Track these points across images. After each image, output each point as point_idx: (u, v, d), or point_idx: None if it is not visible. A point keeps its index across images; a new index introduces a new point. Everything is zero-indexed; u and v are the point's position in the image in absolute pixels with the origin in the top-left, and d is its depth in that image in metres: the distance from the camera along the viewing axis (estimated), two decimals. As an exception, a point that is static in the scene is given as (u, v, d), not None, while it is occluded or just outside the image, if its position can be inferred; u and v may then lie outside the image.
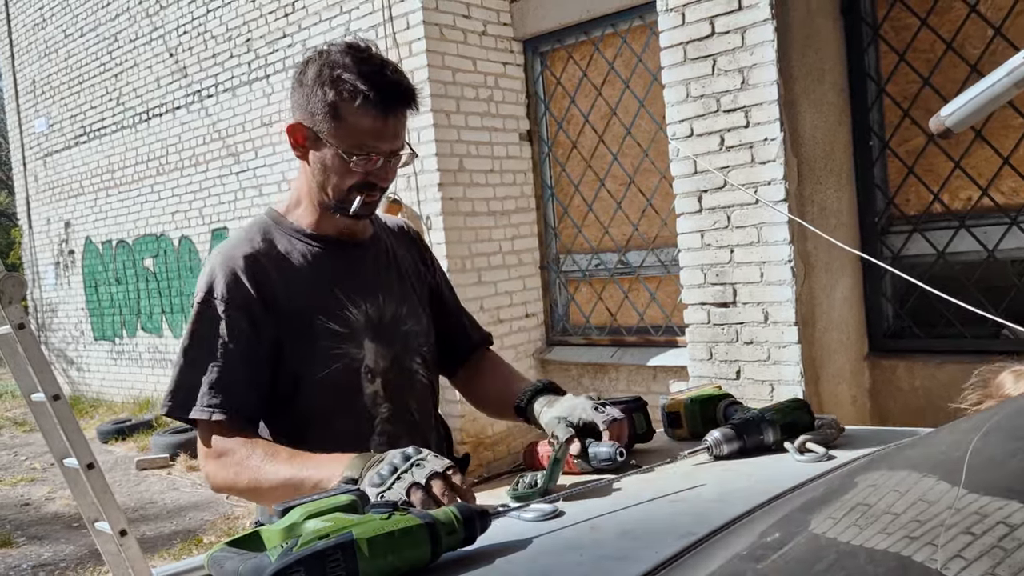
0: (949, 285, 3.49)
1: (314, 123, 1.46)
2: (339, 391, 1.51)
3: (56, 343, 10.41)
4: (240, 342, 1.45)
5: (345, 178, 1.47)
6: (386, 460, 1.24)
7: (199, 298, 1.48)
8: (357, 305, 1.55)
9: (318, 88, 1.43)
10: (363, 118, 1.42)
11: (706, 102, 3.72)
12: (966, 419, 1.02)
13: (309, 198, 1.56)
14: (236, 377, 1.45)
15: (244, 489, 1.42)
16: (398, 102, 1.45)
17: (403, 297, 1.64)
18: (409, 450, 1.26)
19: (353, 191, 1.49)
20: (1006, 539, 0.65)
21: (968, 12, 3.64)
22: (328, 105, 1.43)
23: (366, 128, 1.43)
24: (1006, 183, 3.64)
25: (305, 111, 1.47)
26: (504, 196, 5.56)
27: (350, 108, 1.42)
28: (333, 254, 1.56)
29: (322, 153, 1.47)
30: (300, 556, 0.89)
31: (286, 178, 6.69)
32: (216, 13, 7.18)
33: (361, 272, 1.59)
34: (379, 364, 1.56)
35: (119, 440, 7.57)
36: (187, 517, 5.24)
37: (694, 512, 1.13)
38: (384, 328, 1.58)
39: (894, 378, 3.84)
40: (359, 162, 1.45)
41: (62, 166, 9.73)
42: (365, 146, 1.45)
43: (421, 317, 1.67)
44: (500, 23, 5.60)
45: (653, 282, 5.20)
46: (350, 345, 1.53)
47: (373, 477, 1.22)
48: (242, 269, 1.47)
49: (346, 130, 1.44)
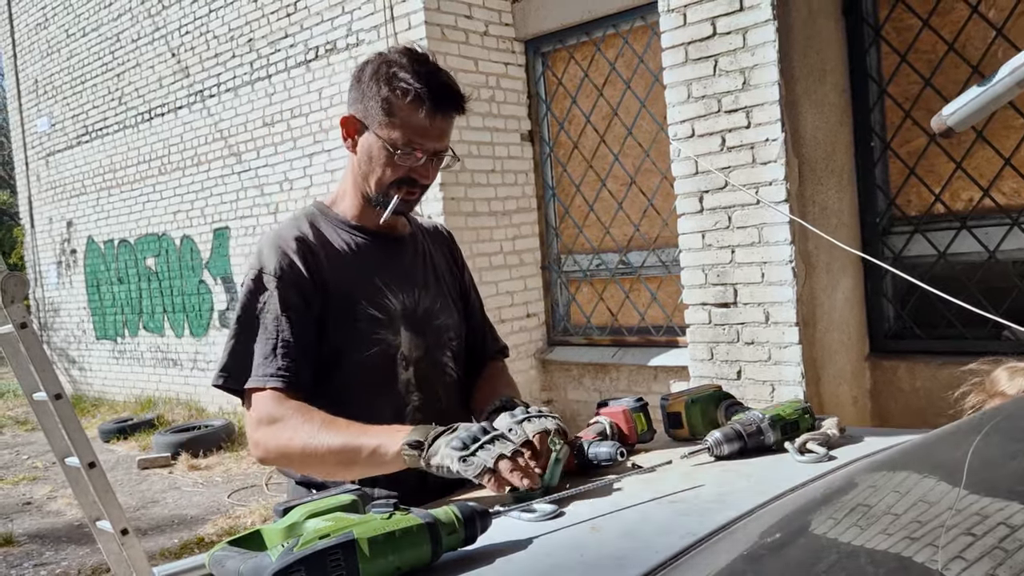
0: (950, 286, 3.48)
1: (366, 116, 1.55)
2: (376, 374, 1.57)
3: (58, 342, 10.42)
4: (293, 315, 1.50)
5: (388, 171, 1.55)
6: (461, 430, 1.30)
7: (252, 275, 1.54)
8: (395, 295, 1.61)
9: (373, 83, 1.52)
10: (413, 115, 1.51)
11: (707, 102, 3.72)
12: (967, 420, 1.02)
13: (354, 191, 1.63)
14: (290, 348, 1.49)
15: (297, 455, 1.44)
16: (447, 104, 1.53)
17: (437, 293, 1.70)
18: (484, 423, 1.33)
19: (394, 186, 1.56)
20: (1007, 540, 0.65)
21: (970, 13, 3.64)
22: (381, 100, 1.51)
23: (414, 125, 1.51)
24: (1007, 184, 3.64)
25: (359, 104, 1.56)
26: (505, 196, 5.56)
27: (401, 104, 1.50)
28: (375, 245, 1.63)
29: (369, 146, 1.55)
30: (301, 556, 0.89)
31: (288, 178, 6.70)
32: (218, 13, 7.18)
33: (400, 264, 1.66)
34: (412, 353, 1.61)
35: (121, 439, 7.57)
36: (188, 516, 5.24)
37: (694, 512, 1.13)
38: (418, 320, 1.64)
39: (895, 379, 3.84)
40: (403, 157, 1.53)
41: (64, 165, 9.74)
42: (412, 142, 1.52)
43: (453, 313, 1.73)
44: (502, 23, 5.60)
45: (654, 282, 5.19)
46: (388, 331, 1.58)
47: (454, 442, 1.28)
48: (293, 250, 1.54)
49: (395, 125, 1.51)
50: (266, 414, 1.47)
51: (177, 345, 8.39)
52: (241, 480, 5.89)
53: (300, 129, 6.53)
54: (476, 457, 1.25)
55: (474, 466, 1.24)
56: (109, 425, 7.81)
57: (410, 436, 1.33)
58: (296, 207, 6.68)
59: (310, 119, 6.44)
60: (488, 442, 1.27)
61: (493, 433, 1.30)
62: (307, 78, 6.40)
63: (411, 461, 1.33)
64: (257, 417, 1.48)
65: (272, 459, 1.50)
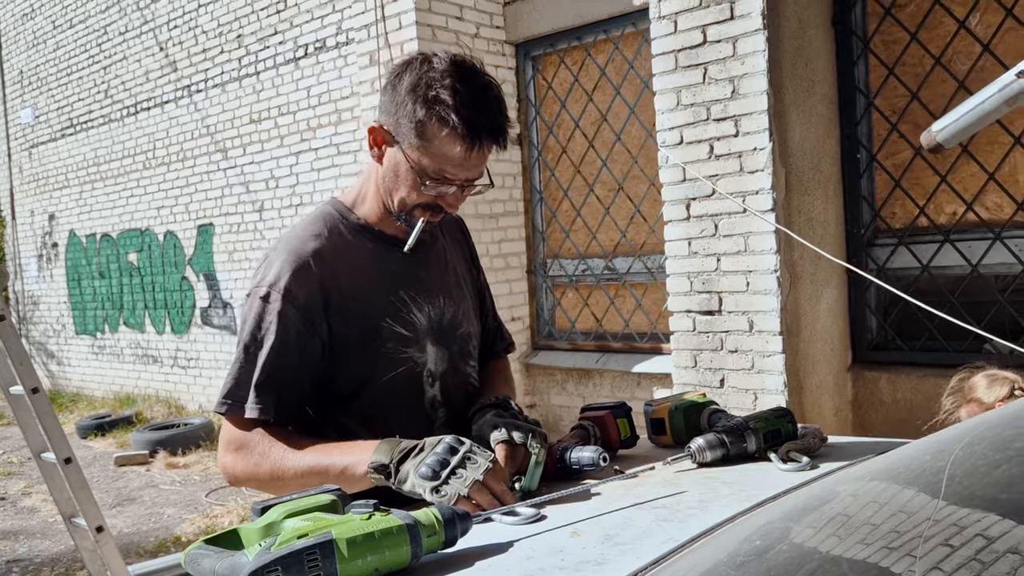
0: (933, 299, 3.51)
1: (398, 132, 1.41)
2: (402, 395, 1.49)
3: (37, 336, 10.32)
4: (291, 340, 1.41)
5: (414, 195, 1.44)
6: (429, 451, 1.25)
7: (262, 292, 1.43)
8: (421, 308, 1.53)
9: (410, 101, 1.37)
10: (448, 146, 1.37)
11: (696, 110, 3.73)
12: (948, 430, 1.02)
13: (376, 197, 1.51)
14: (273, 377, 1.41)
15: (266, 478, 1.40)
16: (487, 136, 1.39)
17: (459, 300, 1.62)
18: (450, 440, 1.26)
19: (418, 208, 1.45)
20: (984, 551, 0.65)
21: (957, 28, 3.67)
22: (416, 122, 1.37)
23: (449, 156, 1.38)
24: (990, 198, 3.67)
25: (392, 117, 1.41)
26: (493, 199, 5.56)
27: (437, 133, 1.37)
28: (397, 254, 1.51)
29: (397, 163, 1.43)
30: (278, 555, 0.88)
31: (274, 175, 6.67)
32: (207, 8, 7.15)
33: (424, 274, 1.56)
34: (438, 368, 1.55)
35: (98, 435, 7.50)
36: (165, 514, 5.20)
37: (676, 518, 1.12)
38: (444, 332, 1.56)
39: (877, 390, 3.86)
40: (433, 186, 1.42)
41: (47, 158, 9.66)
42: (443, 172, 1.40)
43: (473, 320, 1.66)
44: (493, 26, 5.60)
45: (639, 289, 5.20)
46: (414, 349, 1.51)
47: (422, 469, 1.23)
48: (309, 265, 1.42)
49: (428, 152, 1.39)
50: (235, 438, 1.42)
51: (158, 342, 8.32)
52: (219, 479, 5.84)
53: (288, 127, 6.50)
54: (449, 486, 1.21)
55: (448, 496, 1.21)
56: (87, 421, 7.74)
57: (374, 457, 1.28)
58: (281, 205, 6.66)
59: (298, 117, 6.41)
60: (459, 465, 1.22)
61: (463, 451, 1.24)
62: (296, 75, 6.38)
63: (379, 483, 1.29)
64: (227, 440, 1.43)
65: (241, 483, 1.45)
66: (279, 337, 1.40)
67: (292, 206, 6.57)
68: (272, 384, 1.41)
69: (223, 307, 7.44)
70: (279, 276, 1.42)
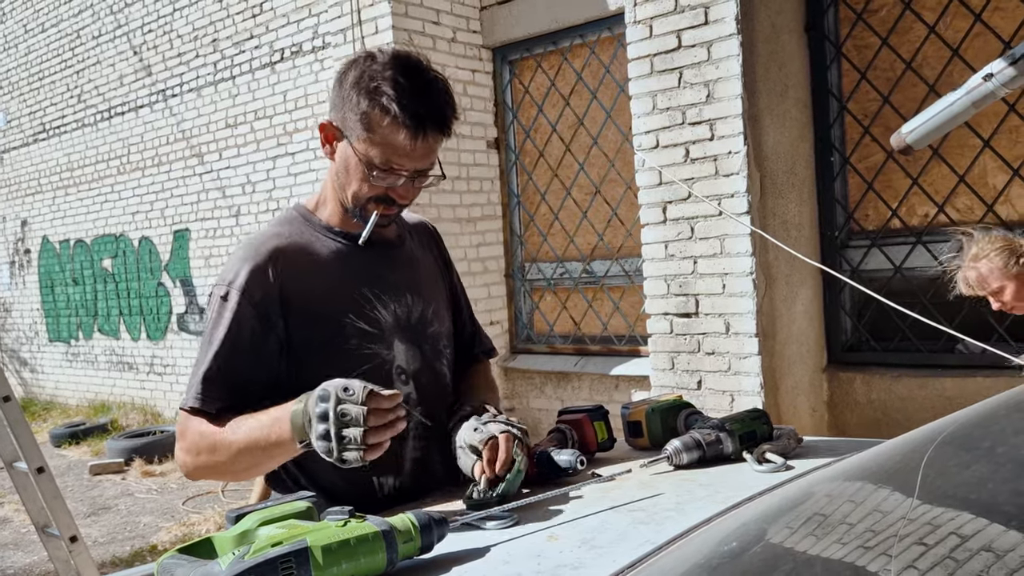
0: (906, 299, 3.55)
1: (345, 127, 1.45)
2: None
3: (9, 343, 10.17)
4: (241, 335, 1.43)
5: (365, 188, 1.46)
6: (314, 422, 1.24)
7: (221, 291, 1.45)
8: (386, 306, 1.54)
9: (354, 94, 1.41)
10: (392, 135, 1.40)
11: (672, 114, 3.75)
12: (921, 430, 1.04)
13: (333, 199, 1.54)
14: (223, 374, 1.42)
15: (219, 465, 1.41)
16: (430, 125, 1.41)
17: (430, 299, 1.62)
18: (314, 409, 1.24)
19: (371, 202, 1.48)
20: (958, 549, 0.66)
21: (927, 33, 3.72)
22: (360, 114, 1.41)
23: (394, 145, 1.41)
24: (961, 200, 3.72)
25: (339, 112, 1.46)
26: (471, 203, 5.55)
27: (380, 122, 1.40)
28: (361, 253, 1.53)
29: (347, 157, 1.46)
30: (252, 564, 0.88)
31: (250, 180, 6.62)
32: (182, 12, 7.09)
33: (389, 272, 1.57)
34: (411, 366, 1.55)
35: (73, 444, 7.40)
36: (141, 523, 5.14)
37: (653, 521, 1.13)
38: (413, 329, 1.57)
39: (851, 390, 3.90)
40: (381, 176, 1.44)
41: (20, 163, 9.53)
42: (390, 162, 1.43)
43: (445, 319, 1.67)
44: (469, 30, 5.60)
45: (617, 292, 5.22)
46: (380, 346, 1.51)
47: (319, 444, 1.23)
48: (268, 263, 1.45)
49: (374, 143, 1.42)
50: (184, 435, 1.44)
51: (133, 348, 8.23)
52: (196, 487, 5.78)
53: (264, 131, 6.46)
54: (348, 453, 1.21)
55: (352, 464, 1.21)
56: (61, 429, 7.64)
57: (299, 438, 1.30)
58: (258, 209, 6.62)
59: (274, 121, 6.37)
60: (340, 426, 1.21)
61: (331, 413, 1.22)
62: (272, 80, 6.34)
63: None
64: (179, 435, 1.45)
65: (198, 475, 1.46)
66: (233, 333, 1.43)
67: (269, 211, 6.53)
68: (222, 378, 1.42)
69: (200, 313, 7.37)
70: (237, 275, 1.44)
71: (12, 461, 1.24)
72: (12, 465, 1.25)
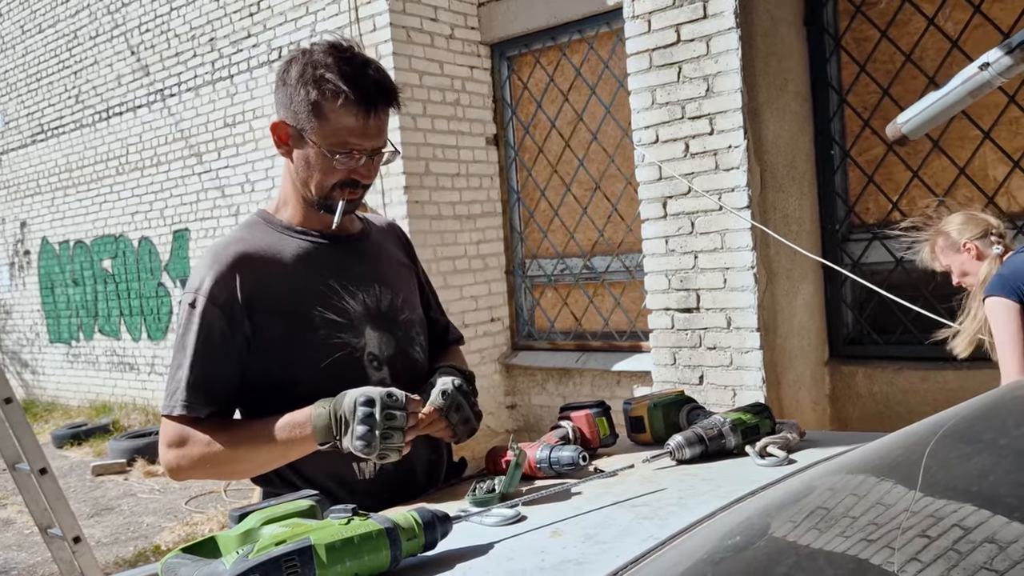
0: (907, 292, 3.55)
1: (297, 121, 1.49)
2: (345, 379, 1.51)
3: (10, 345, 10.17)
4: (212, 338, 1.47)
5: (328, 176, 1.50)
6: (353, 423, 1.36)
7: (188, 298, 1.50)
8: (354, 296, 1.57)
9: (301, 87, 1.46)
10: (345, 117, 1.45)
11: (671, 109, 3.75)
12: (922, 423, 1.04)
13: (295, 196, 1.58)
14: (205, 374, 1.47)
15: (212, 464, 1.47)
16: (380, 101, 1.48)
17: (399, 289, 1.67)
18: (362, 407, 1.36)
19: (336, 188, 1.52)
20: (961, 541, 0.66)
21: (927, 25, 3.72)
22: (311, 104, 1.46)
23: (348, 126, 1.46)
24: (961, 192, 3.72)
25: (288, 110, 1.50)
26: (470, 200, 5.55)
27: (332, 107, 1.45)
28: (325, 247, 1.59)
29: (305, 151, 1.50)
30: (256, 562, 0.88)
31: (249, 179, 6.62)
32: (180, 11, 7.08)
33: (354, 264, 1.61)
34: (384, 352, 1.59)
35: (75, 445, 7.40)
36: (144, 523, 5.14)
37: (656, 516, 1.13)
38: (384, 317, 1.61)
39: (853, 384, 3.90)
40: (342, 160, 1.48)
41: (18, 164, 9.52)
42: (347, 144, 1.47)
43: (416, 307, 1.72)
44: (467, 27, 5.59)
45: (618, 287, 5.22)
46: (349, 334, 1.55)
47: (356, 443, 1.35)
48: (231, 266, 1.49)
49: (329, 129, 1.46)
50: (175, 435, 1.47)
51: (134, 349, 8.23)
52: (199, 487, 5.79)
53: (263, 130, 6.45)
54: (388, 452, 1.35)
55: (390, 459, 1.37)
56: (62, 430, 7.64)
57: (320, 440, 1.40)
58: (257, 208, 6.61)
59: (273, 120, 6.36)
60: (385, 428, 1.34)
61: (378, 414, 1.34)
62: (270, 78, 6.33)
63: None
64: (167, 438, 1.48)
65: (186, 473, 1.50)
66: (205, 337, 1.47)
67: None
68: (204, 383, 1.47)
69: (200, 313, 7.37)
70: (203, 282, 1.49)
71: (14, 463, 1.24)
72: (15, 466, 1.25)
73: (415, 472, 1.61)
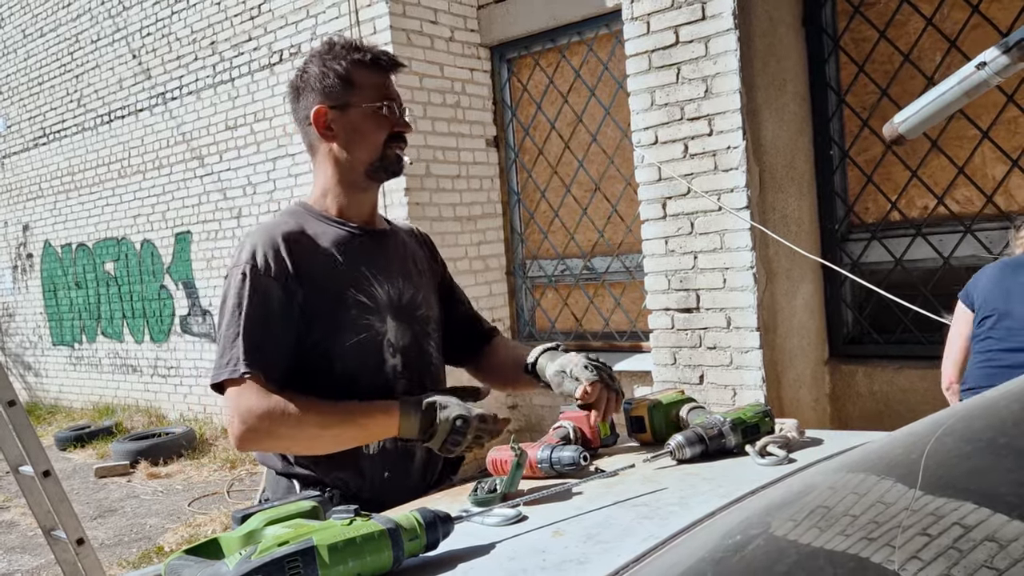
0: (907, 292, 3.56)
1: (335, 98, 1.61)
2: (366, 359, 1.61)
3: (13, 348, 10.18)
4: (271, 306, 1.54)
5: (379, 131, 1.63)
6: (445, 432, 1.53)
7: (239, 269, 1.56)
8: (381, 284, 1.66)
9: (328, 70, 1.61)
10: (375, 75, 1.63)
11: (670, 110, 3.76)
12: (922, 422, 1.04)
13: (336, 185, 1.67)
14: (267, 339, 1.53)
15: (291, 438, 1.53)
16: (392, 61, 1.66)
17: (418, 285, 1.76)
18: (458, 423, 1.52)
19: (388, 144, 1.64)
20: (961, 540, 0.67)
21: (925, 26, 3.72)
22: (340, 77, 1.60)
23: (380, 82, 1.63)
24: (960, 192, 3.72)
25: (321, 95, 1.62)
26: (471, 202, 5.56)
27: (361, 70, 1.61)
28: (360, 238, 1.68)
29: (350, 119, 1.62)
30: (259, 563, 0.88)
31: (251, 182, 6.62)
32: (181, 15, 7.09)
33: (384, 256, 1.71)
34: (399, 341, 1.67)
35: (78, 447, 7.41)
36: (148, 525, 5.15)
37: (657, 515, 1.13)
38: (403, 309, 1.69)
39: (853, 383, 3.90)
40: (390, 106, 1.62)
41: (21, 168, 9.53)
42: (386, 96, 1.63)
43: (433, 306, 1.80)
44: (467, 29, 5.60)
45: (618, 288, 5.22)
46: (375, 318, 1.63)
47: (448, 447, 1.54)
48: (281, 244, 1.57)
49: (365, 90, 1.61)
50: (253, 405, 1.48)
51: (137, 351, 8.24)
52: (202, 488, 5.79)
53: (264, 133, 6.46)
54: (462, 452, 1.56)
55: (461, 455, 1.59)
56: (66, 433, 7.64)
57: (404, 434, 1.54)
58: (259, 211, 6.62)
59: (274, 123, 6.37)
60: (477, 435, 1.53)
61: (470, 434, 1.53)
62: (271, 81, 6.34)
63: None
64: (245, 408, 1.48)
65: (260, 446, 1.54)
66: (263, 305, 1.53)
67: (270, 212, 6.53)
68: (263, 347, 1.52)
69: (203, 315, 7.38)
70: (254, 253, 1.56)
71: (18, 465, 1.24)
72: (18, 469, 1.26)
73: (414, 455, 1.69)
